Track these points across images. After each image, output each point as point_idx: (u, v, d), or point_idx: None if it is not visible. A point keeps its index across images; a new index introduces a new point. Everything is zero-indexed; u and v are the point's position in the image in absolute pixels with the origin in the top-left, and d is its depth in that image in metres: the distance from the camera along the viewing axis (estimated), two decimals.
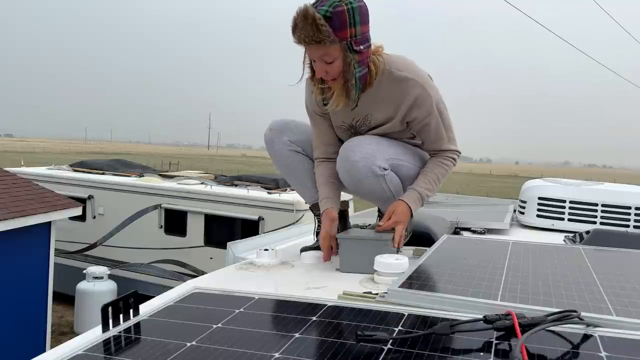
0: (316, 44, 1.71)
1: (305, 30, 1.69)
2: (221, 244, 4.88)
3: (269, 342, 1.03)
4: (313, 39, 1.69)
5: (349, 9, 1.71)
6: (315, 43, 1.71)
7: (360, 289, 1.55)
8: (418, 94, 1.87)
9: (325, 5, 1.69)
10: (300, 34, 1.70)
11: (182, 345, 1.02)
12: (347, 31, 1.72)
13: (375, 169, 1.89)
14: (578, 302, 1.28)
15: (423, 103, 1.89)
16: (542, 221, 3.17)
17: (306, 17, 1.67)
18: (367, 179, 1.91)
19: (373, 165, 1.89)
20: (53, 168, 11.89)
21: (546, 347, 1.00)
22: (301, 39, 1.72)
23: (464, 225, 2.85)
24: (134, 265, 9.87)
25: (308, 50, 1.77)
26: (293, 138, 2.07)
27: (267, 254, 1.89)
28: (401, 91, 1.88)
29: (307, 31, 1.68)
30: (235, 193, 9.44)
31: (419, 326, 1.12)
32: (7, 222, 6.52)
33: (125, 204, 10.12)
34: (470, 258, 1.76)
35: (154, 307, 1.24)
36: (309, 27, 1.67)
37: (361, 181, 1.93)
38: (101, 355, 0.97)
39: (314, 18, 1.66)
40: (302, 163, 2.10)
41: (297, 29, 1.71)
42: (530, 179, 3.89)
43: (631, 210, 3.02)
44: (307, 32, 1.68)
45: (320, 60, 1.76)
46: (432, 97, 1.90)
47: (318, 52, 1.74)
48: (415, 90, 1.87)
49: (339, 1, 1.70)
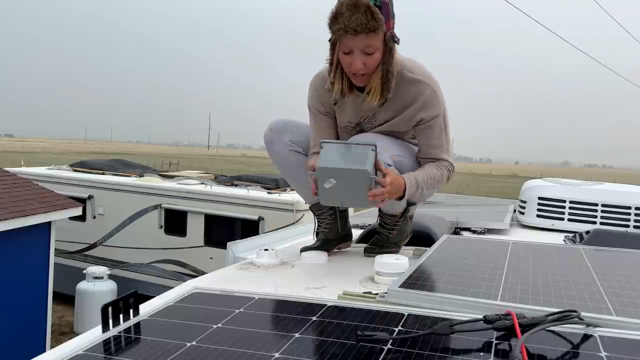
0: (369, 32, 1.68)
1: (357, 18, 1.65)
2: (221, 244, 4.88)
3: (269, 342, 1.03)
4: (367, 27, 1.67)
5: (390, 1, 1.73)
6: (369, 31, 1.68)
7: (360, 289, 1.55)
8: (428, 95, 1.88)
9: None
10: (349, 22, 1.66)
11: (182, 345, 1.02)
12: (390, 22, 1.74)
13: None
14: (578, 302, 1.28)
15: (432, 105, 1.89)
16: (542, 221, 3.17)
17: (357, 5, 1.65)
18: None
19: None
20: (53, 168, 11.89)
21: (546, 347, 1.00)
22: (349, 27, 1.67)
23: (464, 225, 2.85)
24: (134, 265, 9.86)
25: (351, 40, 1.72)
26: (293, 138, 2.07)
27: (267, 254, 1.89)
28: (412, 92, 1.88)
29: (359, 19, 1.65)
30: (235, 193, 9.43)
31: (419, 326, 1.12)
32: (7, 222, 6.51)
33: (125, 204, 10.11)
34: (470, 258, 1.76)
35: (154, 307, 1.24)
36: (362, 15, 1.65)
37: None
38: (101, 355, 0.97)
39: (368, 5, 1.65)
40: (302, 163, 2.09)
41: (342, 18, 1.67)
42: (530, 179, 3.89)
43: (631, 210, 3.02)
44: (359, 20, 1.65)
45: (361, 51, 1.74)
46: (441, 103, 1.91)
47: (364, 42, 1.71)
48: (426, 92, 1.87)
49: None
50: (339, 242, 2.16)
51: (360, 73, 1.79)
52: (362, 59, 1.75)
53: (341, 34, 1.71)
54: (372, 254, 2.06)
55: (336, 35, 1.74)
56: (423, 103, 1.88)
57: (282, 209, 8.83)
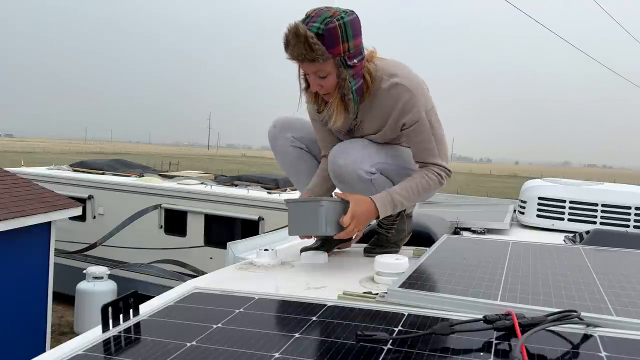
0: (309, 62, 1.71)
1: (297, 49, 1.67)
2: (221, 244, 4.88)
3: (269, 342, 1.03)
4: (306, 57, 1.69)
5: (341, 25, 1.69)
6: (309, 61, 1.70)
7: (360, 289, 1.55)
8: (407, 99, 1.83)
9: (317, 22, 1.67)
10: (293, 51, 1.69)
11: (182, 345, 1.02)
12: (340, 47, 1.71)
13: (361, 173, 1.88)
14: (578, 302, 1.29)
15: (411, 109, 1.84)
16: (542, 221, 3.17)
17: (298, 35, 1.66)
18: (355, 183, 1.91)
19: (359, 170, 1.88)
20: (53, 168, 11.89)
21: (546, 347, 1.00)
22: (294, 56, 1.71)
23: (464, 225, 2.85)
24: (134, 265, 9.86)
25: (301, 66, 1.77)
26: (296, 135, 2.07)
27: (267, 254, 1.89)
28: (391, 98, 1.85)
29: (299, 49, 1.67)
30: (235, 193, 9.44)
31: (419, 326, 1.12)
32: (7, 222, 6.51)
33: (125, 204, 10.11)
34: (470, 258, 1.76)
35: (154, 307, 1.24)
36: (302, 46, 1.66)
37: (350, 186, 1.93)
38: (101, 355, 0.97)
39: (306, 36, 1.65)
40: (305, 160, 2.10)
41: (289, 46, 1.70)
42: (530, 179, 3.89)
43: (631, 210, 3.02)
44: (299, 51, 1.67)
45: (315, 75, 1.76)
46: (421, 104, 1.84)
47: (311, 69, 1.74)
48: (404, 95, 1.83)
49: (330, 17, 1.68)
50: (339, 243, 2.16)
51: (322, 93, 1.82)
52: (318, 81, 1.77)
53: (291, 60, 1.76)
54: (371, 254, 2.06)
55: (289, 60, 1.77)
56: (403, 107, 1.84)
57: (282, 209, 8.82)
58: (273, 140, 2.09)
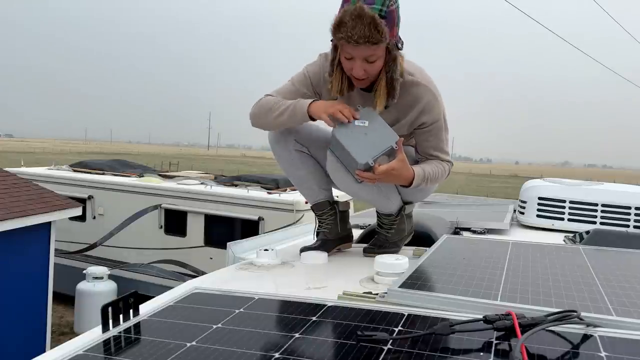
0: (371, 44, 1.65)
1: (360, 30, 1.61)
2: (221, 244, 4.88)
3: (269, 342, 1.03)
4: (369, 40, 1.63)
5: (397, 7, 1.70)
6: (371, 44, 1.65)
7: (360, 289, 1.55)
8: (429, 99, 1.88)
9: (377, 4, 1.63)
10: (352, 33, 1.62)
11: (182, 345, 1.02)
12: (395, 29, 1.72)
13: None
14: (578, 302, 1.29)
15: (432, 109, 1.90)
16: (542, 221, 3.17)
17: (361, 17, 1.60)
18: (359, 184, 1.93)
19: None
20: (53, 168, 11.89)
21: (546, 347, 1.00)
22: (352, 38, 1.63)
23: (464, 225, 2.85)
24: (134, 265, 9.86)
25: (352, 49, 1.69)
26: (298, 138, 2.05)
27: (267, 254, 1.89)
28: (412, 95, 1.88)
29: (362, 31, 1.61)
30: (235, 193, 9.43)
31: (419, 326, 1.12)
32: (7, 222, 6.51)
33: (125, 204, 10.11)
34: (470, 258, 1.76)
35: (154, 307, 1.24)
36: (366, 28, 1.61)
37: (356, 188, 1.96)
38: (101, 356, 0.97)
39: (373, 18, 1.60)
40: (307, 163, 2.09)
41: (345, 27, 1.63)
42: (530, 179, 3.89)
43: (631, 210, 3.02)
44: (362, 32, 1.62)
45: (363, 59, 1.72)
46: (441, 106, 1.93)
47: (365, 52, 1.69)
48: (427, 95, 1.88)
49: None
50: (339, 243, 2.16)
51: (361, 78, 1.79)
52: (364, 66, 1.74)
53: (343, 43, 1.69)
54: (371, 254, 2.06)
55: (338, 43, 1.72)
56: (424, 107, 1.89)
57: (282, 209, 8.82)
58: (275, 143, 2.07)
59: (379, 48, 1.69)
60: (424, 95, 1.87)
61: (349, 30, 1.63)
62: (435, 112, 1.91)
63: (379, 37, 1.64)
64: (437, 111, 1.91)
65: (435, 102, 1.90)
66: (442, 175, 2.00)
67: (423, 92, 1.87)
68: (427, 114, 1.90)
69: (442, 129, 1.97)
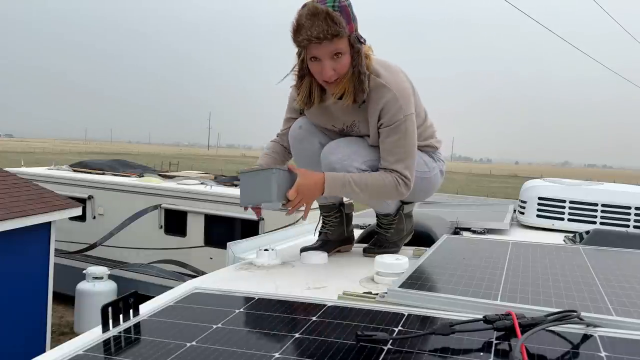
0: (332, 37, 1.69)
1: (318, 26, 1.66)
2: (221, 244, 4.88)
3: (269, 342, 1.03)
4: (329, 33, 1.67)
5: (349, 4, 1.74)
6: (332, 37, 1.68)
7: (360, 289, 1.55)
8: (388, 99, 1.83)
9: (328, 2, 1.69)
10: (311, 31, 1.67)
11: (182, 345, 1.02)
12: (352, 24, 1.74)
13: (352, 170, 1.88)
14: (578, 302, 1.29)
15: (390, 109, 1.84)
16: (542, 221, 3.17)
17: (316, 14, 1.66)
18: None
19: (350, 167, 1.88)
20: (53, 168, 11.89)
21: (546, 347, 1.00)
22: (312, 36, 1.68)
23: (464, 225, 2.85)
24: (134, 265, 9.86)
25: (316, 49, 1.72)
26: (324, 141, 2.02)
27: (267, 254, 1.89)
28: (376, 96, 1.85)
29: (320, 26, 1.66)
30: (235, 193, 9.43)
31: (419, 326, 1.12)
32: (7, 222, 6.51)
33: (125, 204, 10.11)
34: (470, 258, 1.76)
35: (154, 307, 1.24)
36: (323, 22, 1.66)
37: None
38: (101, 356, 0.97)
39: (327, 12, 1.66)
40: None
41: (303, 29, 1.68)
42: (530, 179, 3.89)
43: (631, 210, 3.02)
44: (321, 27, 1.66)
45: (329, 58, 1.74)
46: (402, 108, 1.84)
47: (330, 48, 1.72)
48: (386, 95, 1.83)
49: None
50: (339, 245, 2.16)
51: (332, 79, 1.79)
52: (331, 64, 1.76)
53: (306, 44, 1.73)
54: (371, 254, 2.06)
55: (301, 46, 1.76)
56: (383, 106, 1.85)
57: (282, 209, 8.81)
58: (299, 141, 2.04)
59: (341, 41, 1.72)
60: (384, 95, 1.84)
61: (307, 30, 1.68)
62: (392, 112, 1.84)
63: (338, 29, 1.68)
64: (394, 112, 1.83)
65: (394, 101, 1.83)
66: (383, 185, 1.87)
67: (383, 92, 1.84)
68: (385, 114, 1.85)
69: (401, 134, 1.85)
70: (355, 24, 1.76)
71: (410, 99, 1.88)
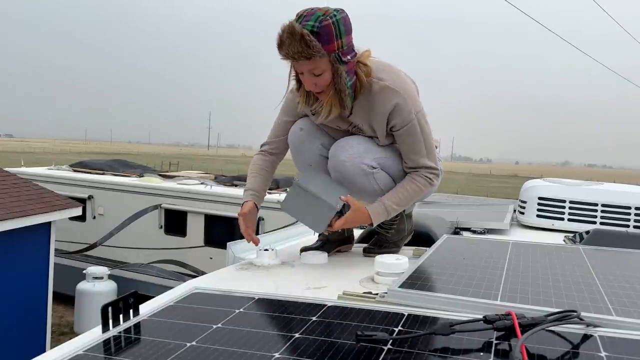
0: (305, 59, 1.72)
1: (293, 47, 1.69)
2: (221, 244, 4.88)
3: (269, 342, 1.03)
4: (302, 55, 1.70)
5: (334, 22, 1.72)
6: (305, 59, 1.72)
7: (360, 289, 1.55)
8: (397, 102, 1.85)
9: (311, 20, 1.69)
10: (288, 50, 1.71)
11: (182, 345, 1.02)
12: (334, 43, 1.73)
13: (364, 167, 1.90)
14: (578, 302, 1.29)
15: (401, 112, 1.86)
16: (542, 221, 3.17)
17: (293, 34, 1.68)
18: (356, 177, 1.92)
19: (362, 164, 1.90)
20: (53, 168, 11.89)
21: (546, 347, 1.00)
22: (289, 55, 1.72)
23: (464, 225, 2.85)
24: (134, 265, 9.86)
25: (296, 65, 1.78)
26: (325, 143, 2.04)
27: (267, 254, 1.89)
28: (382, 100, 1.87)
29: (295, 48, 1.69)
30: (235, 193, 9.43)
31: (419, 326, 1.12)
32: (7, 222, 6.51)
33: (125, 204, 10.11)
34: (470, 258, 1.76)
35: (154, 307, 1.24)
36: (297, 44, 1.68)
37: (351, 179, 1.93)
38: (101, 356, 0.97)
39: (302, 34, 1.67)
40: (326, 168, 2.08)
41: (283, 46, 1.71)
42: (530, 179, 3.89)
43: (631, 210, 3.02)
44: (295, 49, 1.69)
45: (309, 73, 1.77)
46: (412, 107, 1.87)
47: (307, 67, 1.75)
48: (394, 98, 1.85)
49: (323, 15, 1.70)
50: (339, 245, 2.16)
51: (316, 91, 1.83)
52: (312, 79, 1.79)
53: (286, 59, 1.77)
54: (371, 254, 2.06)
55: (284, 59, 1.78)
56: (392, 110, 1.86)
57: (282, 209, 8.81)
58: (299, 143, 2.05)
59: (319, 62, 1.74)
60: (392, 98, 1.85)
61: (285, 47, 1.72)
62: (404, 114, 1.86)
63: (311, 52, 1.70)
64: (406, 113, 1.87)
65: (403, 103, 1.85)
66: (417, 191, 1.95)
67: (391, 96, 1.85)
68: (397, 116, 1.87)
69: (417, 132, 1.90)
70: (340, 40, 1.74)
71: (416, 96, 1.92)
